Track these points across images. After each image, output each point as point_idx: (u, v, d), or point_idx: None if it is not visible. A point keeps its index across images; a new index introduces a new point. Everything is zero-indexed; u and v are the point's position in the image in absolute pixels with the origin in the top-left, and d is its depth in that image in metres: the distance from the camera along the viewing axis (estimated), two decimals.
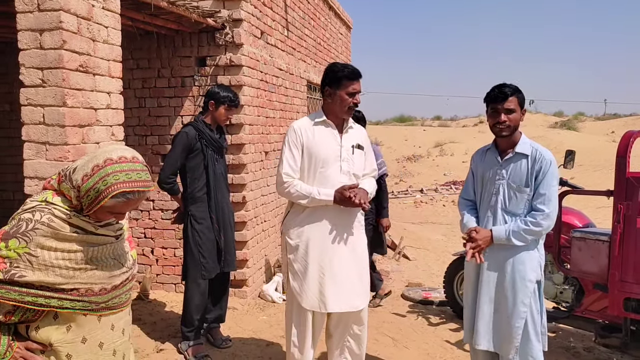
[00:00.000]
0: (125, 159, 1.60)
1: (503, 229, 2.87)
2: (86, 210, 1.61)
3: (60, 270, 1.57)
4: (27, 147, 2.77)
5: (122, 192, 1.57)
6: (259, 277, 5.46)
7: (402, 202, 15.00)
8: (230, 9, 4.83)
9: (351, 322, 3.22)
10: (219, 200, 3.92)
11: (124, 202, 1.60)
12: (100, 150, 1.63)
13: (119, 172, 1.57)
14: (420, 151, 25.86)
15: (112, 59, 3.08)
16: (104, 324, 1.71)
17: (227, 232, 3.99)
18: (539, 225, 2.81)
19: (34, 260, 1.54)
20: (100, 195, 1.56)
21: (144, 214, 5.30)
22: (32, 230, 1.54)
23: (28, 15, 2.67)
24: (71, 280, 1.59)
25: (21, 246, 1.53)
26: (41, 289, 1.55)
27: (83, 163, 1.60)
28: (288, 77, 6.35)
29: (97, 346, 1.69)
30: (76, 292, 1.60)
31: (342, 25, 9.68)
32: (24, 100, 2.74)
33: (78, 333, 1.65)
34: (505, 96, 2.85)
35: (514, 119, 2.86)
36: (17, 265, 1.53)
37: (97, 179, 1.55)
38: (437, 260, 7.87)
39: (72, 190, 1.59)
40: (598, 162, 20.43)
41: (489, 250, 2.92)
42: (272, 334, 4.38)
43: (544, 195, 2.82)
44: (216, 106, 3.86)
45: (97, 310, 1.67)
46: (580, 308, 4.08)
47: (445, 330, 4.69)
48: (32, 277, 1.53)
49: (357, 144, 3.18)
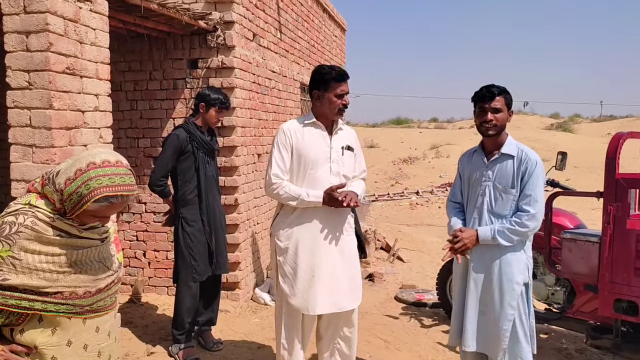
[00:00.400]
0: (109, 163, 1.59)
1: (488, 228, 2.88)
2: (69, 213, 1.60)
3: (44, 273, 1.56)
4: (13, 150, 2.76)
5: (105, 197, 1.56)
6: (251, 280, 5.45)
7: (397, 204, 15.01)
8: (222, 11, 4.83)
9: (341, 324, 3.22)
10: (210, 202, 3.91)
11: (107, 206, 1.59)
12: (84, 154, 1.62)
13: (102, 176, 1.56)
14: (416, 153, 25.87)
15: (100, 61, 3.07)
16: (89, 326, 1.70)
17: (218, 234, 3.98)
18: (525, 226, 2.81)
19: (17, 264, 1.53)
20: (82, 200, 1.55)
21: (136, 216, 5.29)
22: (15, 234, 1.53)
23: (14, 17, 2.66)
24: (55, 283, 1.58)
25: (4, 249, 1.52)
26: (25, 292, 1.54)
27: (66, 167, 1.59)
28: (281, 80, 6.35)
29: (82, 348, 1.68)
30: (60, 295, 1.59)
31: (337, 28, 9.69)
32: (10, 102, 2.73)
33: (63, 336, 1.64)
34: (492, 95, 2.87)
35: (500, 118, 2.87)
36: (0, 268, 1.52)
37: (79, 182, 1.55)
38: (431, 262, 7.86)
39: (55, 193, 1.58)
40: (593, 164, 20.48)
41: (475, 252, 2.92)
42: (264, 337, 4.37)
43: (530, 197, 2.83)
44: (207, 108, 3.86)
45: (81, 314, 1.65)
46: (571, 309, 4.08)
47: (438, 332, 4.68)
48: (16, 280, 1.52)
49: (347, 145, 3.18)
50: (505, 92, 2.90)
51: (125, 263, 5.34)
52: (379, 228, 8.64)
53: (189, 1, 4.85)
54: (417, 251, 8.43)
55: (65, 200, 1.57)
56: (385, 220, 11.38)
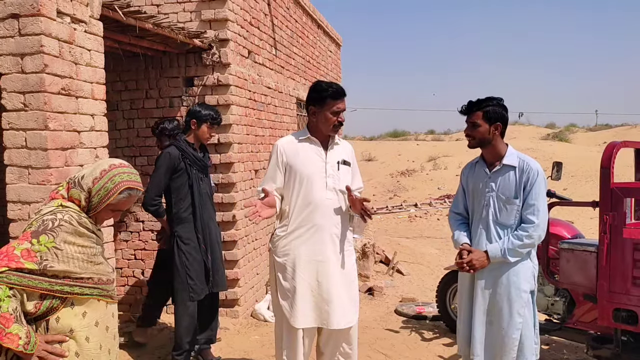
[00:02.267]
0: (124, 165, 2.00)
1: (498, 248, 2.89)
2: (93, 210, 1.93)
3: (79, 262, 1.87)
4: (9, 171, 2.77)
5: (128, 188, 1.93)
6: (250, 296, 5.43)
7: (396, 217, 14.99)
8: (217, 30, 4.87)
9: (341, 340, 3.19)
10: (205, 219, 3.90)
11: (126, 199, 1.95)
12: (101, 161, 2.01)
13: (122, 173, 1.95)
14: (414, 165, 25.92)
15: (96, 81, 3.09)
16: (109, 311, 2.01)
17: (214, 251, 3.96)
18: (531, 237, 2.85)
19: (59, 254, 1.82)
20: (109, 192, 1.91)
21: (134, 235, 5.28)
22: (57, 227, 1.83)
23: (9, 39, 2.69)
24: (87, 270, 1.89)
25: (50, 241, 1.81)
26: (65, 279, 1.83)
27: (90, 171, 1.94)
28: (277, 95, 6.39)
29: (104, 329, 1.98)
30: (91, 280, 1.91)
31: (332, 43, 9.76)
32: (6, 124, 2.74)
33: (92, 317, 1.92)
34: (469, 111, 2.96)
35: (478, 132, 2.94)
36: (46, 258, 1.79)
37: (106, 179, 1.92)
38: (431, 274, 7.85)
39: (82, 193, 1.91)
40: (590, 173, 20.51)
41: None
42: (264, 354, 4.35)
43: (533, 206, 2.85)
44: (198, 125, 3.87)
45: (106, 297, 1.97)
46: (571, 319, 4.07)
47: (439, 345, 4.66)
48: (58, 267, 1.81)
49: (343, 159, 3.19)
50: (486, 107, 2.93)
51: (124, 282, 5.31)
52: (377, 241, 8.63)
53: (184, 20, 4.89)
54: (417, 264, 8.41)
55: (93, 196, 1.91)
56: (384, 234, 11.36)
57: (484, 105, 2.93)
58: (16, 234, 2.76)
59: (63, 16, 2.81)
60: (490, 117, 2.92)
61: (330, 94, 3.03)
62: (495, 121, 2.93)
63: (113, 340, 2.03)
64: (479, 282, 2.96)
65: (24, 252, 1.77)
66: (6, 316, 1.72)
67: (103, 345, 1.96)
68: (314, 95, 3.09)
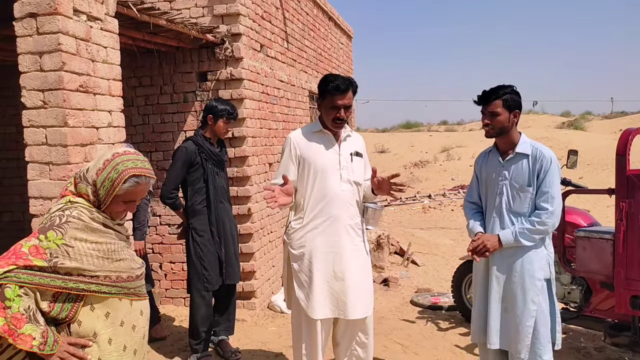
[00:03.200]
0: (129, 152, 1.88)
1: (509, 231, 2.90)
2: (103, 203, 1.82)
3: (92, 259, 1.77)
4: (30, 168, 2.82)
5: (133, 175, 1.80)
6: (267, 288, 5.48)
7: (410, 208, 14.96)
8: (229, 24, 4.90)
9: (357, 330, 3.22)
10: (219, 213, 3.96)
11: (134, 187, 1.82)
12: (105, 151, 1.89)
13: (126, 160, 1.82)
14: (427, 157, 25.79)
15: (112, 78, 3.13)
16: (135, 308, 1.90)
17: (228, 244, 4.02)
18: (545, 224, 2.84)
19: (70, 251, 1.73)
20: (114, 183, 1.79)
21: (152, 229, 5.35)
22: (65, 223, 1.74)
23: (27, 39, 2.74)
24: (102, 268, 1.79)
25: (58, 237, 1.72)
26: (79, 276, 1.74)
27: (94, 163, 1.84)
28: (290, 89, 6.41)
29: (130, 328, 1.88)
30: (108, 279, 1.80)
31: (343, 35, 9.75)
32: (26, 122, 2.79)
33: (116, 317, 1.83)
34: (487, 100, 2.93)
35: (497, 121, 2.92)
36: (56, 255, 1.70)
37: (109, 169, 1.80)
38: (446, 265, 7.85)
39: (89, 187, 1.81)
40: (606, 161, 20.27)
41: (497, 252, 2.93)
42: (281, 345, 4.39)
43: (547, 194, 2.85)
44: (215, 120, 3.91)
45: (129, 295, 1.87)
46: (588, 308, 4.06)
47: (455, 334, 4.68)
48: (70, 264, 1.72)
49: (356, 151, 3.21)
50: (504, 95, 2.91)
51: None
52: (392, 233, 8.65)
53: (197, 15, 4.93)
54: (431, 254, 8.42)
55: (99, 188, 1.80)
56: (398, 225, 11.36)
57: (503, 93, 2.92)
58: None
59: (79, 14, 2.85)
60: (509, 105, 2.91)
61: (330, 88, 3.02)
62: (514, 109, 2.93)
63: (142, 340, 1.93)
64: (493, 270, 2.97)
65: (32, 249, 1.69)
66: (17, 316, 1.64)
67: (128, 345, 1.86)
68: (319, 87, 3.12)
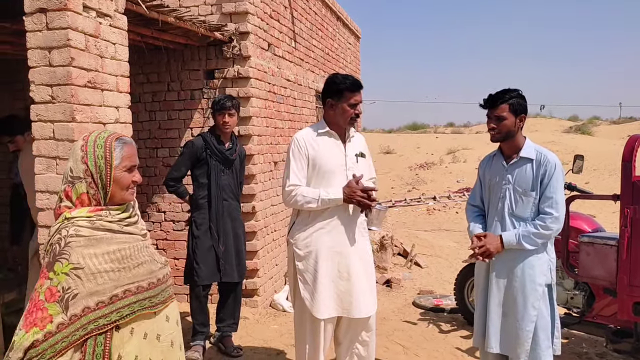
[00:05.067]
0: (92, 131, 1.78)
1: (513, 233, 2.89)
2: (107, 188, 1.68)
3: (107, 274, 1.62)
4: (38, 162, 2.84)
5: (117, 139, 1.72)
6: (269, 287, 5.50)
7: (414, 210, 14.96)
8: (237, 23, 4.91)
9: (360, 329, 3.23)
10: (220, 210, 4.01)
11: (126, 149, 1.72)
12: (72, 147, 1.76)
13: (99, 135, 1.72)
14: (433, 158, 25.77)
15: (120, 74, 3.15)
16: (160, 317, 1.77)
17: (228, 242, 4.05)
18: (549, 229, 2.84)
19: (80, 273, 1.58)
20: (106, 155, 1.68)
21: (156, 225, 5.38)
22: (66, 247, 1.60)
23: (37, 34, 2.75)
24: (119, 282, 1.64)
25: (65, 265, 1.58)
26: (98, 307, 1.60)
27: (72, 161, 1.70)
28: (296, 88, 6.42)
29: (155, 339, 1.74)
30: (129, 292, 1.66)
31: (351, 35, 9.75)
32: (34, 116, 2.81)
33: (139, 332, 1.70)
34: (494, 104, 2.92)
35: (503, 125, 2.92)
36: (68, 287, 1.57)
37: (91, 150, 1.68)
38: (449, 267, 7.84)
39: (84, 181, 1.67)
40: (613, 167, 20.20)
41: (498, 255, 2.93)
42: (283, 343, 4.41)
43: (552, 199, 2.85)
44: (214, 116, 4.01)
45: (152, 307, 1.73)
46: (591, 313, 4.06)
47: (457, 337, 4.68)
48: (84, 289, 1.58)
49: (360, 152, 3.22)
50: (511, 99, 2.91)
51: None
52: (396, 234, 8.64)
53: (205, 13, 4.95)
54: (435, 256, 8.41)
55: (95, 172, 1.67)
56: (402, 226, 11.36)
57: (508, 97, 2.92)
58: (45, 223, 2.85)
59: (89, 10, 2.87)
60: (516, 109, 2.91)
61: (347, 86, 3.05)
62: (520, 113, 2.93)
63: (169, 348, 1.79)
64: (494, 274, 2.97)
65: (47, 293, 1.58)
66: None
67: (153, 358, 1.73)
68: (332, 87, 3.11)
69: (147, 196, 5.36)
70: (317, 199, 3.01)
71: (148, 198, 5.38)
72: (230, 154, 4.05)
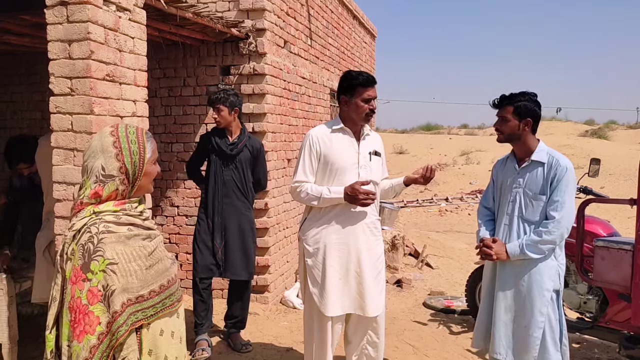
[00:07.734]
0: (117, 125, 1.76)
1: (517, 244, 2.86)
2: (135, 181, 1.69)
3: (136, 274, 1.63)
4: (56, 153, 2.87)
5: (145, 132, 1.75)
6: (280, 283, 5.51)
7: (426, 211, 14.91)
8: (254, 19, 4.93)
9: (369, 328, 3.23)
10: (218, 206, 4.02)
11: (153, 143, 1.76)
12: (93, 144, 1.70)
13: (130, 130, 1.72)
14: (446, 160, 25.65)
15: (138, 68, 3.17)
16: (175, 314, 1.77)
17: (231, 238, 4.04)
18: (551, 234, 2.79)
19: (115, 269, 1.59)
20: (140, 152, 1.70)
21: (169, 219, 5.41)
22: (99, 243, 1.59)
23: (58, 26, 2.78)
24: (145, 282, 1.65)
25: (101, 263, 1.58)
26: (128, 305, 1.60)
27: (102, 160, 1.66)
28: (311, 86, 6.42)
29: (169, 336, 1.74)
30: (154, 292, 1.67)
31: (367, 34, 9.73)
32: (53, 108, 2.84)
33: (156, 328, 1.70)
34: (498, 105, 2.97)
35: (506, 127, 2.93)
36: (106, 283, 1.58)
37: (126, 146, 1.68)
38: (460, 269, 7.81)
39: (118, 179, 1.66)
40: (629, 172, 19.97)
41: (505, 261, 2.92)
42: (292, 340, 4.42)
43: (557, 202, 2.81)
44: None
45: (172, 306, 1.73)
46: (604, 318, 4.02)
47: (467, 339, 4.66)
48: (118, 283, 1.59)
49: (374, 150, 3.21)
50: (517, 102, 2.90)
51: None
52: (407, 234, 8.63)
53: (222, 10, 4.97)
54: (446, 258, 8.38)
55: (130, 167, 1.67)
56: (414, 227, 11.33)
57: (516, 100, 2.90)
58: (62, 214, 2.88)
59: (109, 4, 2.89)
60: (520, 112, 2.89)
61: (361, 81, 3.05)
62: (525, 117, 2.90)
63: (179, 344, 1.79)
64: (500, 280, 2.95)
65: (89, 295, 1.57)
66: None
67: (170, 355, 1.73)
68: (345, 84, 3.11)
69: (161, 190, 5.40)
70: (319, 197, 3.04)
71: (162, 192, 5.41)
72: (231, 149, 4.01)
